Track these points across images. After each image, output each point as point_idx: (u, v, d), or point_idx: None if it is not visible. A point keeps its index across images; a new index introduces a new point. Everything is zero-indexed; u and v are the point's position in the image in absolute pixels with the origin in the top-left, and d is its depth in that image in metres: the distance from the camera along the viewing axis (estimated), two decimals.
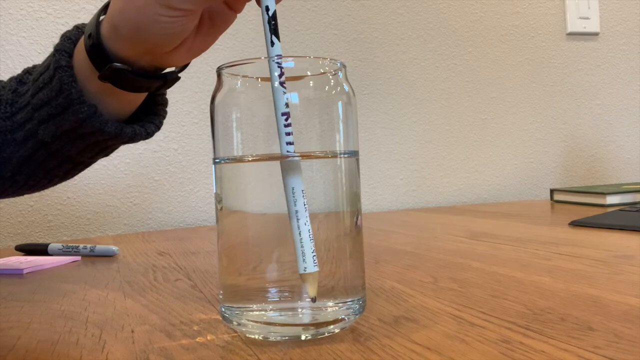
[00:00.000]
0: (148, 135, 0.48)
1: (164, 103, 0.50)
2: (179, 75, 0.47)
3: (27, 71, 0.50)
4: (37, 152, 0.48)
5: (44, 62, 0.47)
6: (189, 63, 0.47)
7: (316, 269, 0.32)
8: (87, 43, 0.43)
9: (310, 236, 0.32)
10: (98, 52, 0.43)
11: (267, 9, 0.34)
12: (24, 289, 0.52)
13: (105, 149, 0.50)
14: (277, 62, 0.33)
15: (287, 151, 0.32)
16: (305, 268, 0.31)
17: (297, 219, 0.31)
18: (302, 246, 0.31)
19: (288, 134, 0.32)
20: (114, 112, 0.46)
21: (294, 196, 0.32)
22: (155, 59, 0.44)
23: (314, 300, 0.32)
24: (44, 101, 0.45)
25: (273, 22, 0.34)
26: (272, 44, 0.34)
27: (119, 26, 0.41)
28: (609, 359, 0.27)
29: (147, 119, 0.49)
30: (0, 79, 0.52)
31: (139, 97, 0.47)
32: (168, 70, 0.46)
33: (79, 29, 0.46)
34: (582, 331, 0.31)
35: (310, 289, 0.32)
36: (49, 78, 0.45)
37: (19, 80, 0.50)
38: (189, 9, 0.39)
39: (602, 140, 1.34)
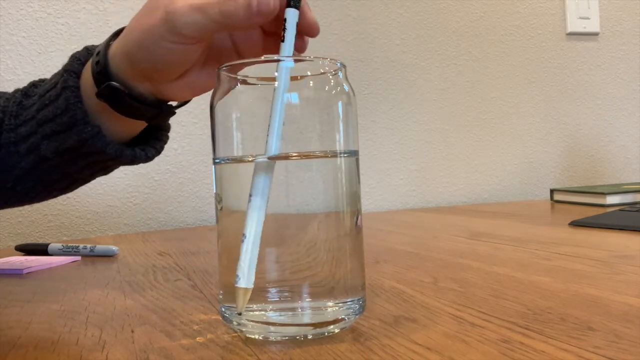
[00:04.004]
0: (148, 158, 0.49)
1: (167, 129, 0.52)
2: (175, 110, 0.48)
3: (33, 84, 0.51)
4: (38, 165, 0.49)
5: (51, 79, 0.48)
6: (189, 100, 0.48)
7: (251, 285, 0.31)
8: (93, 60, 0.44)
9: (256, 257, 0.31)
10: (102, 71, 0.44)
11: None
12: (24, 289, 0.52)
13: (105, 169, 0.51)
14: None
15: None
16: (241, 282, 0.31)
17: (243, 240, 0.32)
18: (248, 264, 0.31)
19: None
20: (116, 134, 0.47)
21: (249, 230, 0.32)
22: (155, 88, 0.45)
23: (240, 314, 0.32)
24: (49, 118, 0.46)
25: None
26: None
27: (127, 43, 0.42)
28: (609, 359, 0.27)
29: (149, 143, 0.50)
30: (0, 79, 0.52)
31: (141, 123, 0.48)
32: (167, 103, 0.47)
33: (88, 51, 0.47)
34: (582, 331, 0.31)
35: (240, 303, 0.31)
36: (56, 96, 0.46)
37: (25, 93, 0.51)
38: (193, 36, 0.39)
39: (602, 140, 1.34)
